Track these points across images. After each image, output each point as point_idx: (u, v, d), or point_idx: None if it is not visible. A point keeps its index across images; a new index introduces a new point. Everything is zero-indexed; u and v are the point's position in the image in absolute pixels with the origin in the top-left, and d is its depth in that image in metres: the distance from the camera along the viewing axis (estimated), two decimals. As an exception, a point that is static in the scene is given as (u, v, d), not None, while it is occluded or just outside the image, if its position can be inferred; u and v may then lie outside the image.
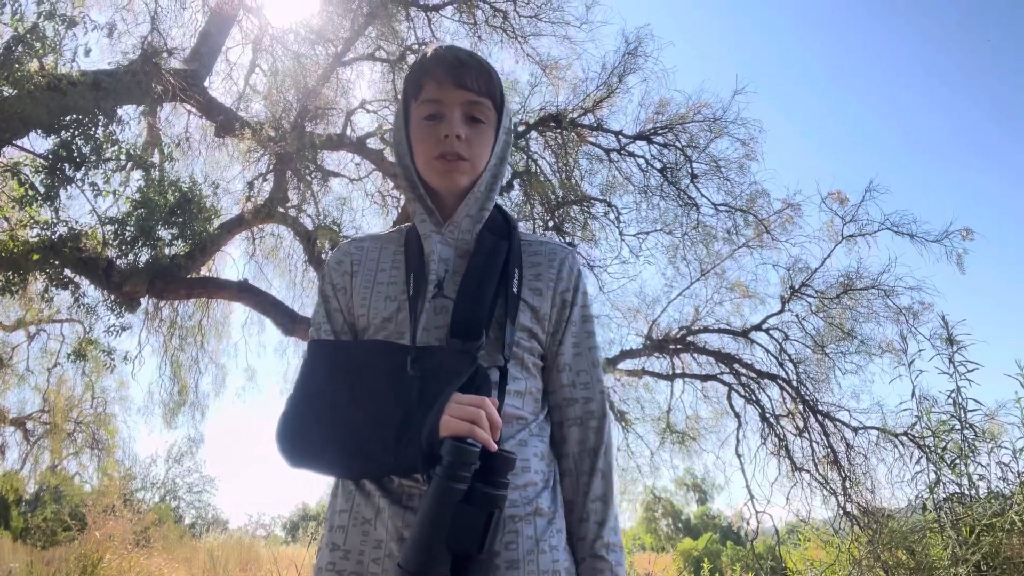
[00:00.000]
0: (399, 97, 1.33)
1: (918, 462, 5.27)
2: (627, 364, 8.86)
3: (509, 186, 8.08)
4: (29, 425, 12.59)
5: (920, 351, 5.17)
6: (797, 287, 8.07)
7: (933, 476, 4.84)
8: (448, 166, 1.24)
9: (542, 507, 1.18)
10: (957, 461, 4.74)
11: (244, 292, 7.37)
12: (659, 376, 9.01)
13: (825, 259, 7.94)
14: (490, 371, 1.18)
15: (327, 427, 1.16)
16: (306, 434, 1.18)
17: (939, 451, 4.90)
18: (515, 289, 1.24)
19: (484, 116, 1.27)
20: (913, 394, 5.10)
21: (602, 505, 1.24)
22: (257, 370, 11.23)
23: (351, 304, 1.30)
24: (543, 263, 1.31)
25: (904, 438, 6.58)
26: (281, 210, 7.34)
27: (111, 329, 6.80)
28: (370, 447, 1.12)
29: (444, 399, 1.07)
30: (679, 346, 8.60)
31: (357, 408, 1.15)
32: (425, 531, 0.97)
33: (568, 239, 8.18)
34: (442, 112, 1.25)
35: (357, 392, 1.17)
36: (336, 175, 8.37)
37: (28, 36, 5.31)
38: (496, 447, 1.03)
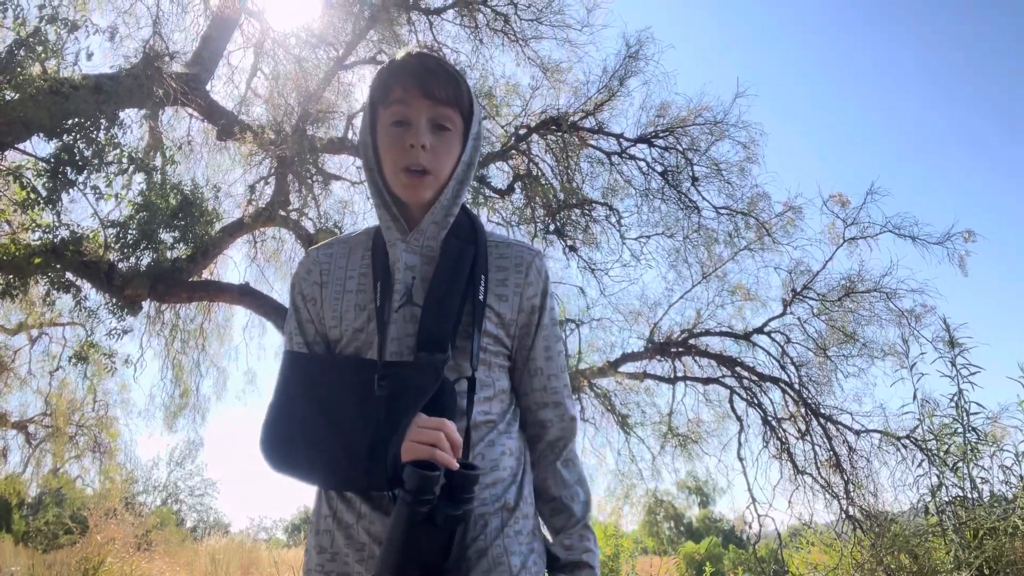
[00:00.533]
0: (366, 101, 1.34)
1: (920, 465, 5.26)
2: (628, 367, 8.84)
3: (510, 189, 8.09)
4: (31, 428, 12.60)
5: (922, 354, 5.17)
6: (799, 290, 8.06)
7: (935, 479, 4.83)
8: (413, 179, 1.24)
9: (509, 501, 1.22)
10: (960, 464, 4.72)
11: (245, 295, 7.38)
12: (661, 379, 9.00)
13: (827, 262, 7.94)
14: (458, 382, 1.20)
15: (303, 443, 1.19)
16: (284, 445, 1.21)
17: (941, 454, 4.88)
18: (481, 296, 1.25)
19: (451, 124, 1.27)
20: (915, 397, 5.09)
21: (579, 504, 1.31)
22: (258, 373, 11.20)
23: (322, 314, 1.30)
24: (510, 267, 1.32)
25: (906, 441, 6.56)
26: (282, 213, 7.34)
27: (113, 332, 6.80)
28: (341, 466, 1.15)
29: (406, 423, 1.09)
30: (681, 349, 8.58)
31: (327, 426, 1.18)
32: (392, 552, 1.02)
33: (569, 242, 8.18)
34: (408, 119, 1.25)
35: (327, 410, 1.19)
36: (337, 178, 8.37)
37: (30, 40, 5.32)
38: (457, 466, 1.06)
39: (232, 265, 8.92)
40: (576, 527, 1.30)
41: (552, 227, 8.04)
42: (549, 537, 1.33)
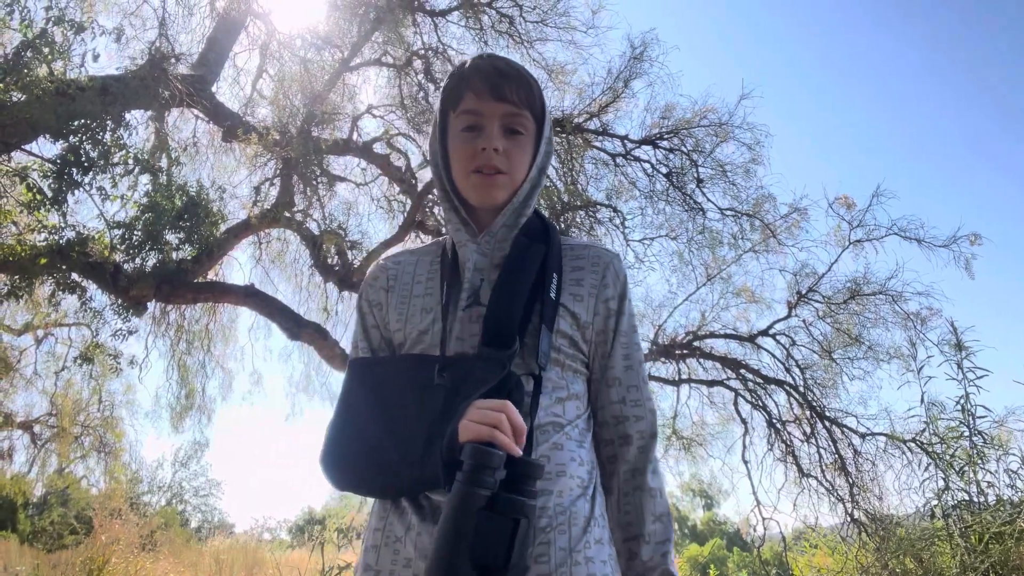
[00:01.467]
0: (435, 107, 1.30)
1: (926, 469, 5.23)
2: (633, 369, 8.81)
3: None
4: (37, 428, 12.66)
5: (929, 357, 5.15)
6: (804, 292, 8.04)
7: (941, 483, 4.81)
8: (486, 181, 1.21)
9: (577, 514, 1.12)
10: (966, 468, 4.71)
11: (250, 296, 7.39)
12: (665, 381, 8.98)
13: (832, 264, 7.91)
14: (524, 379, 1.14)
15: (360, 448, 1.15)
16: (343, 457, 1.17)
17: (948, 458, 4.86)
18: (553, 294, 1.20)
19: (523, 128, 1.24)
20: (922, 400, 5.07)
21: (661, 526, 1.22)
22: (263, 374, 11.26)
23: (387, 319, 1.28)
24: (586, 267, 1.27)
25: (912, 444, 6.54)
26: (287, 215, 7.36)
27: (118, 333, 6.81)
28: (395, 463, 1.10)
29: (465, 405, 1.04)
30: (685, 351, 8.57)
31: (385, 424, 1.13)
32: (446, 542, 0.91)
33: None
34: (480, 124, 1.22)
35: (384, 408, 1.15)
36: (342, 180, 8.39)
37: (37, 41, 5.34)
38: (520, 453, 0.99)
39: (237, 266, 8.93)
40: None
41: (556, 229, 8.03)
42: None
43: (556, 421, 1.17)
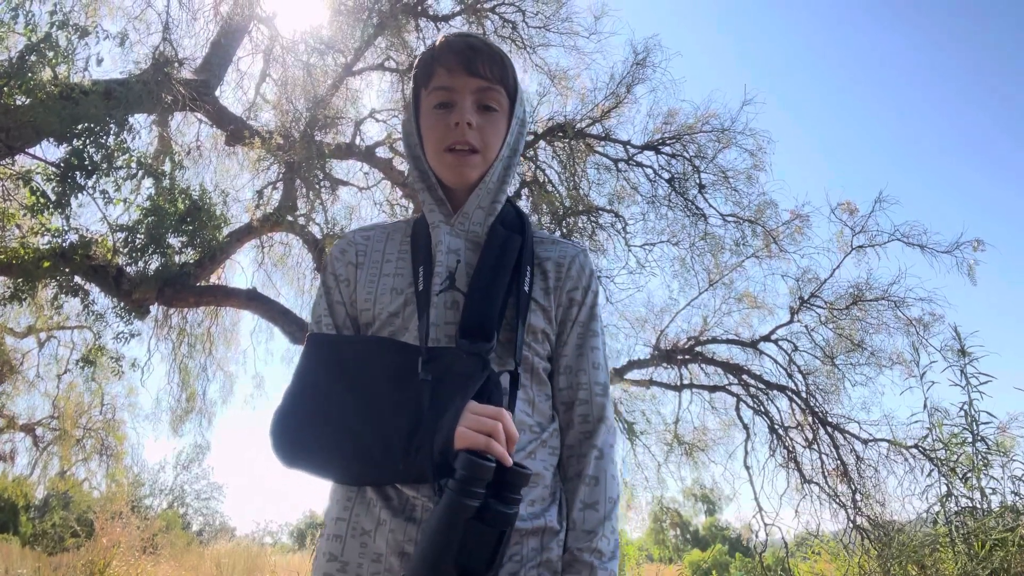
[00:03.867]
0: (411, 86, 1.29)
1: (929, 475, 5.22)
2: (635, 374, 8.82)
3: (517, 195, 8.09)
4: (39, 431, 12.67)
5: (931, 363, 5.15)
6: (806, 298, 8.03)
7: (944, 489, 4.79)
8: (458, 159, 1.20)
9: (551, 524, 1.12)
10: (969, 474, 4.69)
11: (253, 300, 7.40)
12: (667, 386, 8.98)
13: (834, 270, 7.91)
14: (500, 376, 1.12)
15: (327, 428, 1.10)
16: (304, 433, 1.12)
17: (951, 464, 4.85)
18: (527, 288, 1.19)
19: (497, 104, 1.22)
20: (924, 406, 5.05)
21: (591, 512, 1.14)
22: (265, 378, 11.24)
23: (355, 297, 1.25)
24: (554, 260, 1.26)
25: (915, 451, 6.52)
26: (290, 218, 7.37)
27: (120, 336, 6.82)
28: (374, 452, 1.07)
29: (459, 407, 1.02)
30: (687, 356, 8.56)
31: (361, 409, 1.09)
32: (433, 547, 0.92)
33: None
34: (453, 100, 1.20)
35: (361, 392, 1.11)
36: (345, 184, 8.40)
37: (41, 45, 5.36)
38: (511, 463, 0.98)
39: (240, 270, 8.94)
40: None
41: (558, 233, 8.04)
42: None
43: (529, 423, 1.16)
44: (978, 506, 4.61)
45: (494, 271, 1.17)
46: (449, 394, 1.05)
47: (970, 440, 4.72)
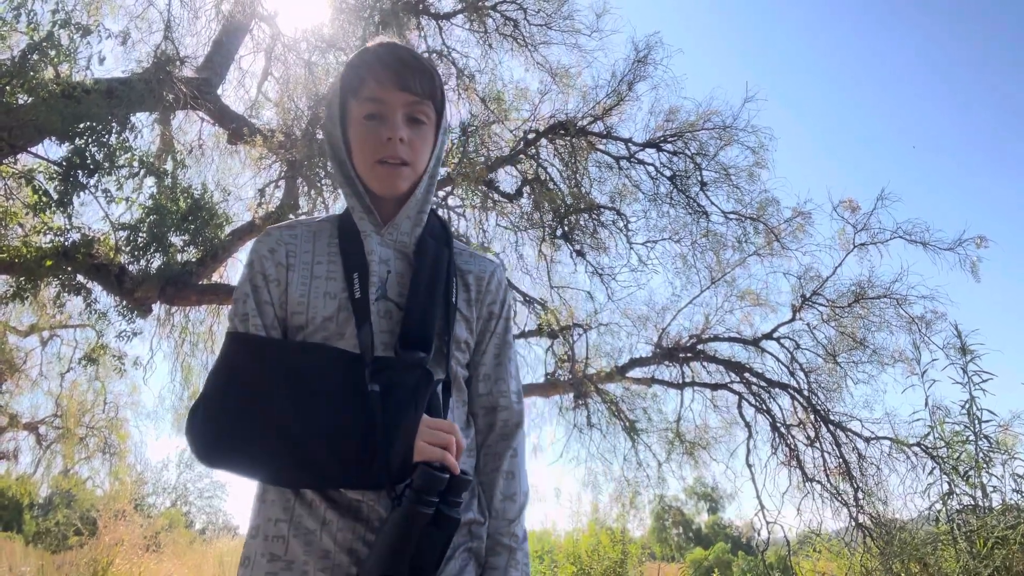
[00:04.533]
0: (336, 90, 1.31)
1: (931, 473, 5.21)
2: (636, 372, 8.82)
3: (519, 193, 8.09)
4: (42, 430, 12.70)
5: (933, 361, 5.13)
6: (808, 296, 8.03)
7: (946, 487, 4.78)
8: (391, 171, 1.22)
9: (476, 517, 1.23)
10: (971, 472, 4.68)
11: (254, 298, 7.39)
12: (668, 384, 8.97)
13: (837, 268, 7.91)
14: (437, 385, 1.19)
15: (260, 428, 1.10)
16: (231, 432, 1.11)
17: (952, 462, 4.84)
18: (454, 299, 1.25)
19: (425, 117, 1.25)
20: (926, 404, 5.05)
21: (509, 503, 1.26)
22: (267, 376, 11.25)
23: (285, 298, 1.22)
24: (475, 273, 1.32)
25: (917, 449, 6.51)
26: (292, 217, 7.37)
27: (123, 335, 6.82)
28: (319, 459, 1.08)
29: (414, 420, 1.08)
30: (689, 354, 8.55)
31: (303, 416, 1.09)
32: (391, 551, 1.01)
33: (577, 247, 8.17)
34: (383, 113, 1.22)
35: (304, 399, 1.10)
36: (346, 182, 8.39)
37: (43, 44, 5.37)
38: (459, 471, 1.07)
39: (241, 268, 8.96)
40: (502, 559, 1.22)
41: (560, 231, 8.04)
42: None
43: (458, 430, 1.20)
44: (980, 504, 4.61)
45: (429, 283, 1.22)
46: (399, 406, 1.10)
47: (972, 438, 4.71)
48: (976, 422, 4.70)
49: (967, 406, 4.72)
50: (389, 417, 1.09)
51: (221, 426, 1.13)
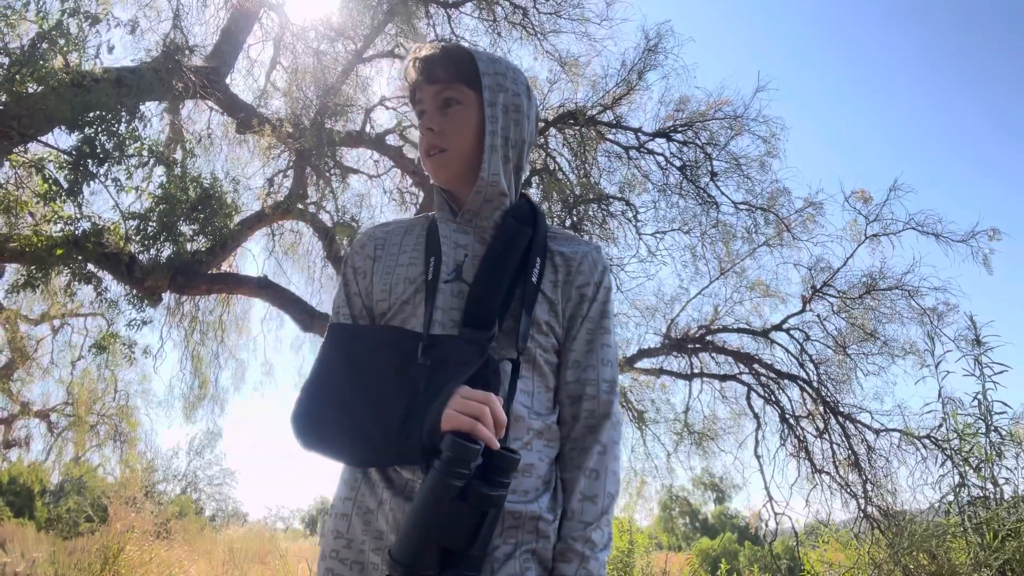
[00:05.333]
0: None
1: (942, 465, 5.19)
2: (645, 363, 8.81)
3: (527, 183, 8.06)
4: (53, 417, 12.80)
5: (945, 352, 5.10)
6: (819, 287, 7.98)
7: (957, 479, 4.77)
8: (430, 163, 1.28)
9: (543, 513, 1.14)
10: (982, 465, 4.66)
11: (264, 288, 7.42)
12: (677, 375, 8.95)
13: (848, 259, 7.85)
14: (502, 364, 1.16)
15: (336, 413, 1.16)
16: (317, 419, 1.18)
17: (964, 454, 4.82)
18: (534, 279, 1.22)
19: (459, 98, 1.26)
20: (938, 396, 5.02)
21: (589, 505, 1.17)
22: (275, 365, 11.34)
23: (371, 288, 1.30)
24: (567, 255, 1.29)
25: (927, 441, 6.48)
26: (300, 207, 7.37)
27: (133, 323, 6.85)
28: (375, 436, 1.11)
29: (448, 391, 1.05)
30: (698, 345, 8.53)
31: (365, 395, 1.14)
32: (416, 524, 0.96)
33: (586, 237, 8.14)
34: (424, 111, 1.29)
35: (364, 379, 1.16)
36: (355, 172, 8.40)
37: (52, 33, 5.37)
38: (499, 445, 1.01)
39: (251, 258, 8.97)
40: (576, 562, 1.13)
41: (569, 222, 8.01)
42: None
43: (525, 413, 1.18)
44: (991, 496, 4.59)
45: (499, 261, 1.20)
46: (445, 379, 1.08)
47: (984, 430, 4.69)
48: (988, 414, 4.68)
49: (979, 398, 4.70)
50: (433, 390, 1.08)
51: (309, 412, 1.19)
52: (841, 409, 7.82)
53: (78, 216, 6.06)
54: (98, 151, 5.63)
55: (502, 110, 1.26)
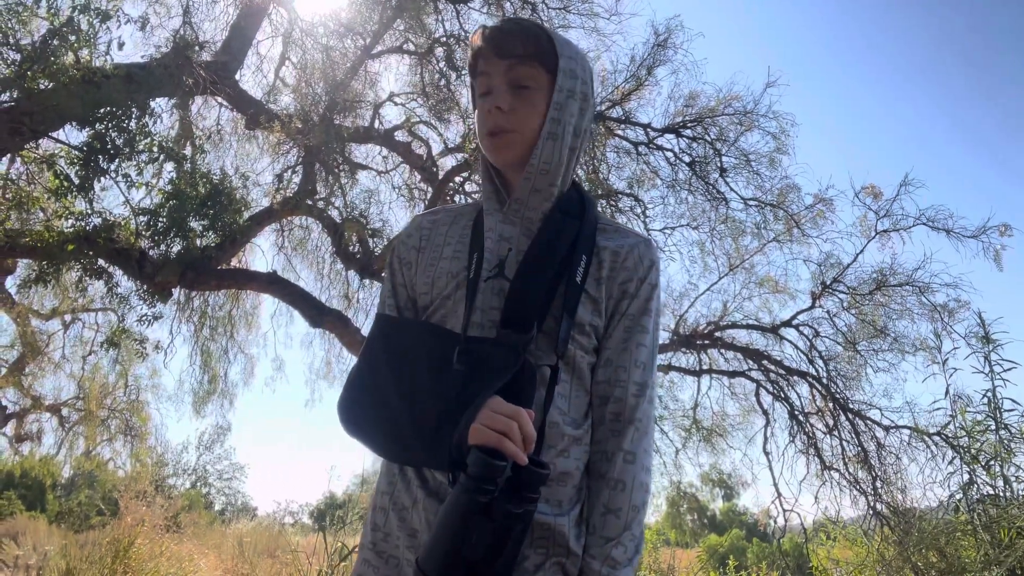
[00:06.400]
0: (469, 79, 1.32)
1: (951, 462, 5.17)
2: (653, 359, 8.78)
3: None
4: (64, 412, 12.89)
5: (955, 349, 5.08)
6: (828, 283, 7.95)
7: (966, 477, 4.74)
8: (495, 142, 1.20)
9: (571, 526, 1.10)
10: (992, 462, 4.64)
11: (273, 284, 7.45)
12: (685, 372, 8.94)
13: (858, 255, 7.81)
14: (540, 369, 1.10)
15: (374, 405, 1.15)
16: (357, 408, 1.17)
17: (973, 451, 4.80)
18: (578, 278, 1.15)
19: (532, 81, 1.19)
20: (947, 393, 5.00)
21: (612, 519, 1.10)
22: (285, 360, 11.37)
23: (414, 280, 1.27)
24: (611, 249, 1.21)
25: (937, 438, 6.45)
26: (309, 202, 7.39)
27: (143, 319, 6.88)
28: (407, 435, 1.10)
29: (479, 403, 1.01)
30: (706, 342, 8.51)
31: (401, 392, 1.12)
32: (442, 537, 0.95)
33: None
34: (491, 86, 1.21)
35: (403, 376, 1.13)
36: (364, 168, 8.41)
37: (64, 29, 5.39)
38: (526, 460, 0.97)
39: (260, 253, 9.00)
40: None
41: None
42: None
43: (563, 420, 1.13)
44: (1001, 494, 4.57)
45: (542, 259, 1.14)
46: (478, 387, 1.05)
47: (993, 428, 4.67)
48: (998, 411, 4.65)
49: (989, 395, 4.68)
50: (465, 399, 1.03)
51: (352, 400, 1.18)
52: (851, 406, 7.79)
53: (89, 212, 6.10)
54: (109, 147, 5.66)
55: (569, 96, 1.20)
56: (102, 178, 5.82)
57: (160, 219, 6.24)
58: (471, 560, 0.94)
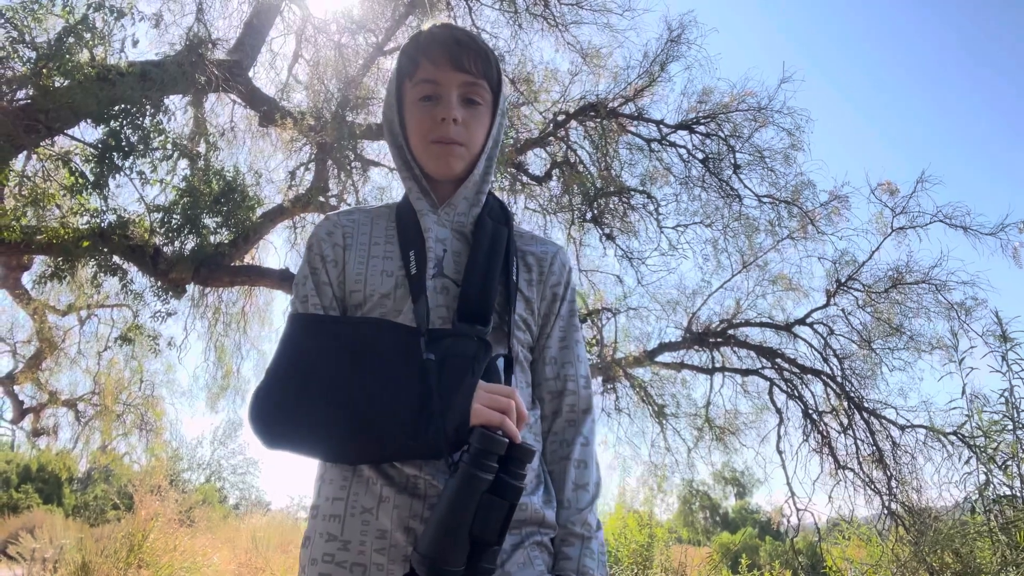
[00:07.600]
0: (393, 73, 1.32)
1: (967, 462, 5.11)
2: (665, 357, 8.76)
3: (548, 176, 8.03)
4: (80, 406, 13.00)
5: (972, 348, 5.03)
6: (843, 281, 7.89)
7: (983, 477, 4.69)
8: (445, 151, 1.23)
9: (540, 504, 1.18)
10: (1009, 462, 4.59)
11: (286, 280, 7.48)
12: (698, 370, 8.90)
13: (873, 252, 7.75)
14: (496, 359, 1.18)
15: (322, 405, 1.08)
16: (293, 411, 1.10)
17: (990, 451, 4.75)
18: (515, 277, 1.24)
19: (481, 98, 1.25)
20: (964, 392, 4.94)
21: (582, 492, 1.22)
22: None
23: (343, 278, 1.25)
24: (535, 254, 1.32)
25: (953, 437, 6.39)
26: (322, 199, 7.41)
27: (158, 315, 6.94)
28: (379, 428, 1.06)
29: (471, 385, 1.06)
30: (719, 339, 8.47)
31: (364, 388, 1.08)
32: (449, 518, 0.97)
33: (607, 230, 8.11)
34: (438, 94, 1.23)
35: (363, 371, 1.10)
36: (376, 164, 8.41)
37: (79, 27, 5.43)
38: (520, 439, 1.03)
39: (273, 250, 9.07)
40: (576, 549, 1.18)
41: (589, 215, 7.97)
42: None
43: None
44: (1018, 495, 4.52)
45: (488, 259, 1.21)
46: (456, 373, 1.08)
47: (1011, 428, 4.62)
48: (1015, 411, 4.60)
49: (1006, 395, 4.63)
50: (446, 384, 1.06)
51: (281, 406, 1.11)
52: (866, 405, 7.72)
53: (104, 208, 6.15)
54: (123, 144, 5.70)
55: (503, 116, 1.30)
56: (117, 175, 5.86)
57: (174, 216, 6.27)
58: (478, 538, 0.97)
